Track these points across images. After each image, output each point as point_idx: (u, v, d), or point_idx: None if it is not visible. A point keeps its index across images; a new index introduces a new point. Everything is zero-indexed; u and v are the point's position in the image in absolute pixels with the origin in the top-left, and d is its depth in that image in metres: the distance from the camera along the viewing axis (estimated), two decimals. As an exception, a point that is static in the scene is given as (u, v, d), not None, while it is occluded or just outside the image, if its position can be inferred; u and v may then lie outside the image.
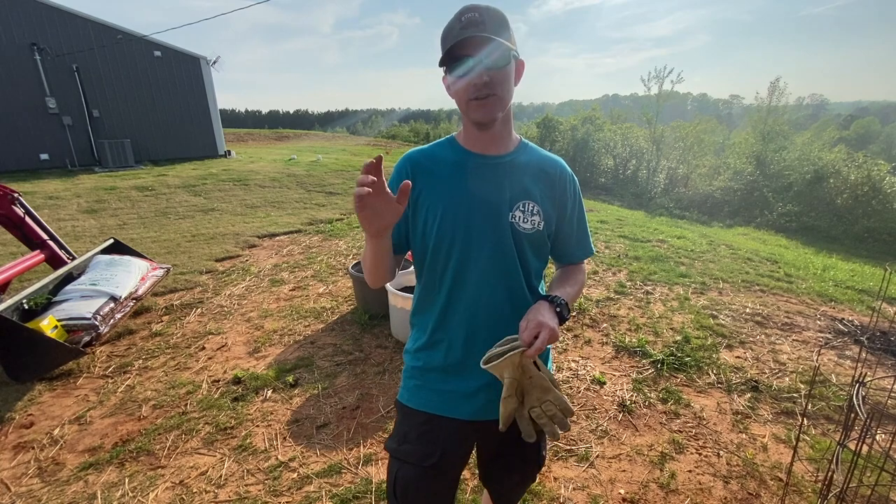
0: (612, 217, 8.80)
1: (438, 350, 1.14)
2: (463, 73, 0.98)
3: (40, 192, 8.79)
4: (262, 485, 2.11)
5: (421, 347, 1.17)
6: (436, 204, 1.08)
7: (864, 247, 15.06)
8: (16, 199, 3.72)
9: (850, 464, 1.45)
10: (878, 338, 3.56)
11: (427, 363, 1.16)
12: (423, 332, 1.17)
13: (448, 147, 1.14)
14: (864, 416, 1.35)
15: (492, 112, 1.01)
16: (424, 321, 1.17)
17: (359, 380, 2.95)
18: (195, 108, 14.70)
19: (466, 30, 0.94)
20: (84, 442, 2.40)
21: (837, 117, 71.85)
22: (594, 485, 2.11)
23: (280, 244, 6.24)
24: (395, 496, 1.15)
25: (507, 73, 0.99)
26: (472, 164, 1.09)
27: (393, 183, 1.10)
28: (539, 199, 1.10)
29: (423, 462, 1.12)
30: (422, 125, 50.52)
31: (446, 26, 0.99)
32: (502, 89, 1.00)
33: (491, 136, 1.08)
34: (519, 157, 1.12)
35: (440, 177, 1.09)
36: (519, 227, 1.08)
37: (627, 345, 3.36)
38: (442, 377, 1.15)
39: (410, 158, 1.13)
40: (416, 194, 1.09)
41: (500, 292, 1.10)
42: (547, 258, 1.20)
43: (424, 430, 1.15)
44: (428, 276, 1.15)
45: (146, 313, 3.98)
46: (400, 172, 1.12)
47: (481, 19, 0.95)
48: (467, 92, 0.99)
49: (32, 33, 11.78)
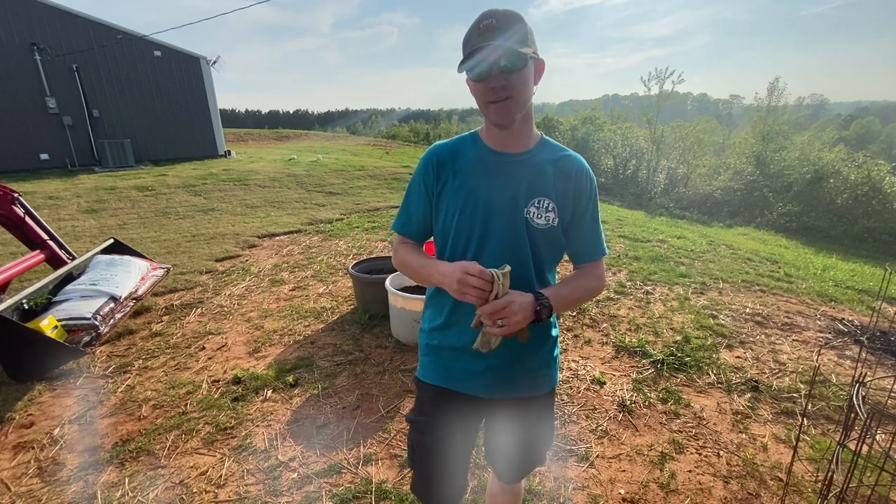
0: (612, 217, 8.80)
1: (452, 332, 1.22)
2: (481, 78, 1.03)
3: (40, 192, 8.79)
4: (262, 485, 2.11)
5: (436, 328, 1.26)
6: (456, 198, 1.15)
7: (864, 247, 15.07)
8: (16, 199, 3.72)
9: (850, 464, 1.45)
10: (878, 338, 3.56)
11: (441, 342, 1.24)
12: (440, 313, 1.24)
13: (471, 142, 1.20)
14: (864, 416, 1.35)
15: (509, 114, 1.07)
16: (441, 304, 1.24)
17: (359, 380, 2.95)
18: (195, 108, 14.70)
19: (484, 36, 1.00)
20: (84, 442, 2.40)
21: (837, 117, 71.85)
22: (594, 485, 2.11)
23: (280, 244, 6.24)
24: (413, 461, 1.32)
25: (524, 75, 1.03)
26: (491, 161, 1.15)
27: (420, 175, 1.20)
28: (554, 195, 1.15)
29: (435, 431, 1.25)
30: (422, 125, 50.52)
31: (466, 33, 1.05)
32: (519, 92, 1.04)
33: (511, 134, 1.13)
34: (538, 154, 1.17)
35: (462, 172, 1.16)
36: (533, 222, 1.14)
37: (627, 345, 3.36)
38: (454, 355, 1.23)
39: (437, 153, 1.20)
40: (440, 187, 1.17)
41: (512, 283, 1.13)
42: (561, 254, 1.24)
43: (437, 402, 1.26)
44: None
45: (146, 313, 3.98)
46: (426, 164, 1.19)
47: (498, 25, 1.00)
48: (486, 95, 1.05)
49: (32, 33, 11.79)
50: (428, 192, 1.20)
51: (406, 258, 1.23)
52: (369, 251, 5.71)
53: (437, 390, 1.26)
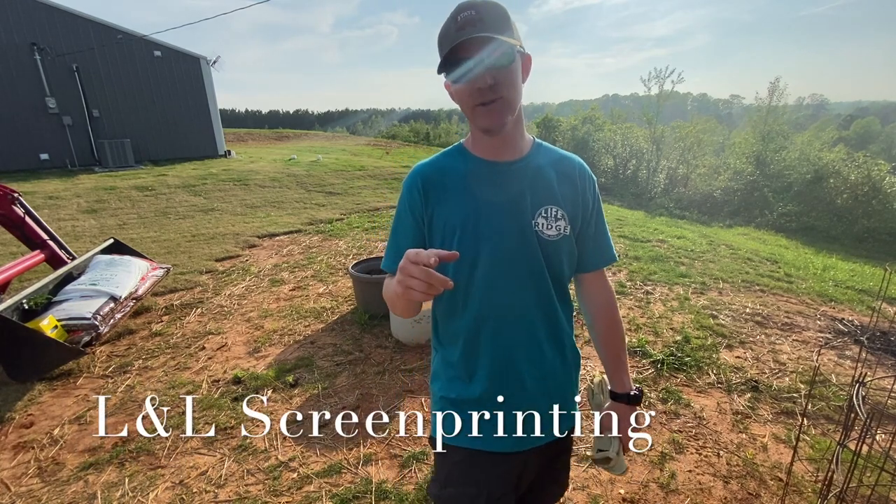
0: (612, 217, 8.80)
1: (472, 382, 1.05)
2: (464, 78, 0.89)
3: (40, 192, 8.78)
4: (262, 485, 2.11)
5: (452, 378, 1.08)
6: (452, 220, 0.99)
7: (864, 247, 15.06)
8: (16, 199, 3.72)
9: (850, 464, 1.45)
10: (878, 338, 3.56)
11: (461, 395, 1.06)
12: (451, 360, 1.08)
13: (457, 156, 1.05)
14: (864, 416, 1.35)
15: (500, 117, 0.93)
16: (450, 348, 1.08)
17: (359, 380, 2.95)
18: (195, 108, 14.69)
19: (464, 30, 0.86)
20: (84, 442, 2.40)
21: (837, 117, 71.83)
22: (594, 485, 2.11)
23: (280, 244, 6.24)
24: None
25: (512, 71, 0.90)
26: (485, 173, 1.01)
27: (405, 203, 1.04)
28: (562, 202, 1.02)
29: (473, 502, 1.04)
30: (422, 125, 50.48)
31: (442, 28, 0.91)
32: (509, 91, 0.91)
33: (502, 140, 1.00)
34: (535, 159, 1.04)
35: (453, 190, 1.01)
36: (544, 234, 1.00)
37: (627, 345, 3.36)
38: (479, 409, 1.05)
39: (420, 173, 1.04)
40: (431, 212, 1.01)
41: (532, 310, 1.03)
42: (576, 264, 1.11)
43: (466, 468, 1.06)
44: (449, 301, 1.05)
45: (146, 313, 3.98)
46: (411, 191, 1.02)
47: (479, 16, 0.86)
48: (472, 97, 0.91)
49: (32, 33, 11.78)
50: (416, 221, 1.02)
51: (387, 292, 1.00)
52: (369, 251, 5.71)
53: (465, 454, 1.06)
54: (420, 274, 0.74)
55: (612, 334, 1.15)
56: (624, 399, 1.13)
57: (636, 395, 1.13)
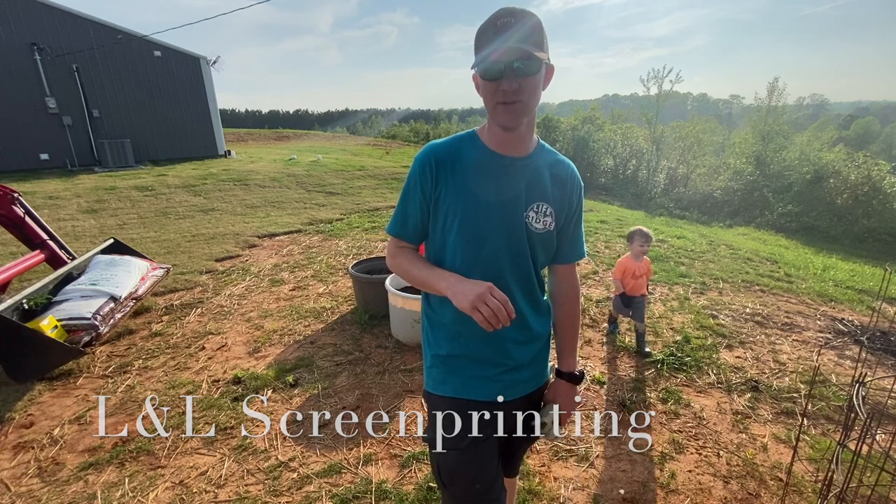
0: (612, 217, 8.80)
1: (459, 341, 1.20)
2: (494, 78, 1.01)
3: (40, 192, 8.78)
4: (262, 485, 2.11)
5: (442, 338, 1.23)
6: (456, 202, 1.12)
7: (864, 247, 15.07)
8: (16, 199, 3.72)
9: (850, 464, 1.45)
10: (878, 338, 3.57)
11: (450, 352, 1.22)
12: (443, 323, 1.22)
13: (470, 143, 1.16)
14: (864, 416, 1.35)
15: (517, 118, 1.05)
16: (443, 314, 1.21)
17: (359, 380, 2.95)
18: (195, 108, 14.69)
19: (501, 35, 0.97)
20: (84, 442, 2.40)
21: (837, 117, 71.80)
22: (594, 485, 2.11)
23: (280, 244, 6.24)
24: (443, 482, 1.24)
25: (536, 81, 1.02)
26: (493, 164, 1.13)
27: (416, 178, 1.15)
28: (552, 200, 1.17)
29: (458, 445, 1.19)
30: (422, 125, 50.50)
31: (481, 28, 1.02)
32: (529, 96, 1.03)
33: (515, 137, 1.11)
34: (537, 159, 1.17)
35: (462, 175, 1.13)
36: (532, 226, 1.15)
37: (627, 345, 3.36)
38: (464, 364, 1.21)
39: (434, 152, 1.15)
40: (438, 191, 1.14)
41: (514, 287, 1.17)
42: (552, 256, 1.26)
43: (452, 416, 1.21)
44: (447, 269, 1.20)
45: (146, 313, 3.98)
46: (423, 166, 1.14)
47: (516, 25, 0.98)
48: (496, 96, 1.02)
49: (32, 33, 11.78)
50: (425, 195, 1.15)
51: (406, 265, 1.20)
52: (369, 251, 5.71)
53: (451, 402, 1.22)
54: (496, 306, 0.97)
55: (570, 321, 1.33)
56: (567, 377, 1.30)
57: (578, 376, 1.30)
